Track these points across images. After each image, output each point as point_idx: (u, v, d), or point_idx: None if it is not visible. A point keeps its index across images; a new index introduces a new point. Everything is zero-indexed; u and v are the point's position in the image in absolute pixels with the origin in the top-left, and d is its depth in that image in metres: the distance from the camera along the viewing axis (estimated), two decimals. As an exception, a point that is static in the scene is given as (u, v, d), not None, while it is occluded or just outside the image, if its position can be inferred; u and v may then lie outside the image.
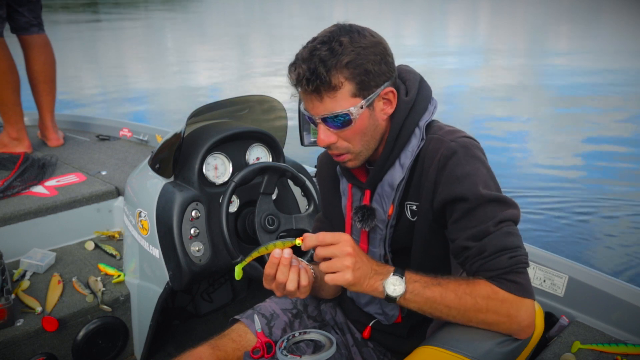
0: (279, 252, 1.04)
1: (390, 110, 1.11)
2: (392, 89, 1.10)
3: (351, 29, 1.06)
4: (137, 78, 9.76)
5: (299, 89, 1.07)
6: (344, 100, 1.05)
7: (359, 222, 1.18)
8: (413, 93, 1.13)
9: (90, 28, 18.63)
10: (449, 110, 7.01)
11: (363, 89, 1.05)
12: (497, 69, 10.73)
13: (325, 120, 1.07)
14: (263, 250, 1.07)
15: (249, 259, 1.10)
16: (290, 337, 1.24)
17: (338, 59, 1.02)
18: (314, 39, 1.06)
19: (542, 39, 16.26)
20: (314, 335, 1.23)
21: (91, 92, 8.42)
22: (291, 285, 1.04)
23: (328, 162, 1.35)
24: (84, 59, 11.84)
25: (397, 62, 1.17)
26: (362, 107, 1.06)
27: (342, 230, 1.29)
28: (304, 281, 1.06)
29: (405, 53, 11.52)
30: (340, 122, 1.06)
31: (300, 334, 1.25)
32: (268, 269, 1.05)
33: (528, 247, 1.08)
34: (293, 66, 1.06)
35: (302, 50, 1.06)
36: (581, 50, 13.31)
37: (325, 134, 1.10)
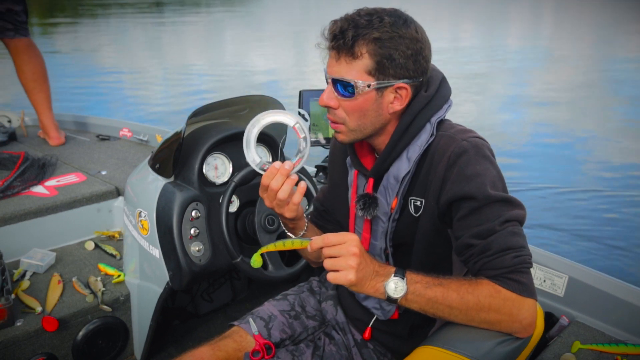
0: (279, 163, 1.09)
1: (398, 107, 1.10)
2: (408, 87, 1.08)
3: (401, 17, 1.06)
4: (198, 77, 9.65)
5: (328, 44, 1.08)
6: (356, 71, 1.05)
7: (360, 210, 1.18)
8: (432, 89, 1.13)
9: (155, 27, 18.47)
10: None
11: (379, 72, 1.05)
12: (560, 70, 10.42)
13: (334, 82, 1.09)
14: (280, 246, 1.07)
15: (265, 250, 1.10)
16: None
17: (370, 31, 1.03)
18: (367, 8, 1.08)
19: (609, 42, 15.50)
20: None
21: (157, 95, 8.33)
22: (282, 194, 1.10)
23: (341, 148, 1.33)
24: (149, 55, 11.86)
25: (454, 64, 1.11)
26: (369, 86, 1.06)
27: (347, 219, 1.29)
28: (296, 199, 1.13)
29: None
30: (344, 89, 1.07)
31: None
32: (265, 179, 1.11)
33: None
34: (333, 21, 1.07)
35: (351, 13, 1.07)
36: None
37: (329, 96, 1.11)
